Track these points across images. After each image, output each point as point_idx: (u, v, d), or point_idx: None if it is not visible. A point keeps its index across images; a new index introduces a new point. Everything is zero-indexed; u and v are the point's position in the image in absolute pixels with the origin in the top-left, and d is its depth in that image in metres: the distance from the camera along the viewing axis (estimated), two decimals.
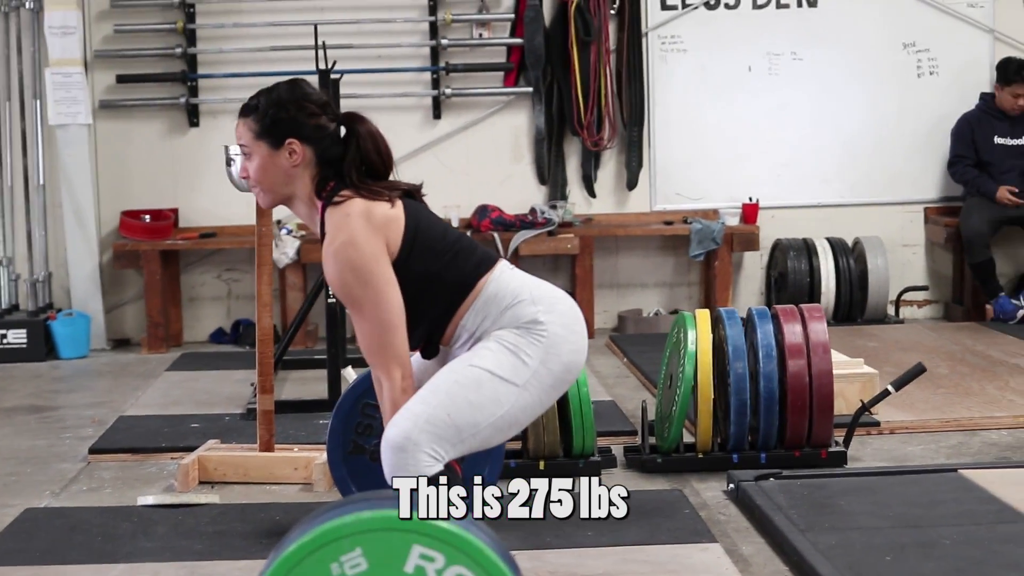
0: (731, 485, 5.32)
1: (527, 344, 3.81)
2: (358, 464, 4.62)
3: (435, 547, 2.88)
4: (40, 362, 8.66)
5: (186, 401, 7.31)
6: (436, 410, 3.72)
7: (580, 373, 4.08)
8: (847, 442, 5.73)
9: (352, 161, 3.89)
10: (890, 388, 5.76)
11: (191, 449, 5.97)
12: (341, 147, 3.92)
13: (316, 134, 3.89)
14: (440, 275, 3.83)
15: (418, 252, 3.83)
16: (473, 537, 2.88)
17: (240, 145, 3.99)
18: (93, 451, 6.21)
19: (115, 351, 9.10)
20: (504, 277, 3.90)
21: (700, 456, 5.65)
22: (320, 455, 5.54)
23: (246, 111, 3.97)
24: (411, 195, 3.95)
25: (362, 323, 3.77)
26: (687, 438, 5.81)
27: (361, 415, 4.58)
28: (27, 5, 8.92)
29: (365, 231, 3.76)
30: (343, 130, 3.94)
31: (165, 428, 6.58)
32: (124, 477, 5.86)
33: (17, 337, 8.72)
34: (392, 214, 3.83)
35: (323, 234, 3.85)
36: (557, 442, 5.58)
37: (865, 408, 5.80)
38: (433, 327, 3.88)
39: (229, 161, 5.46)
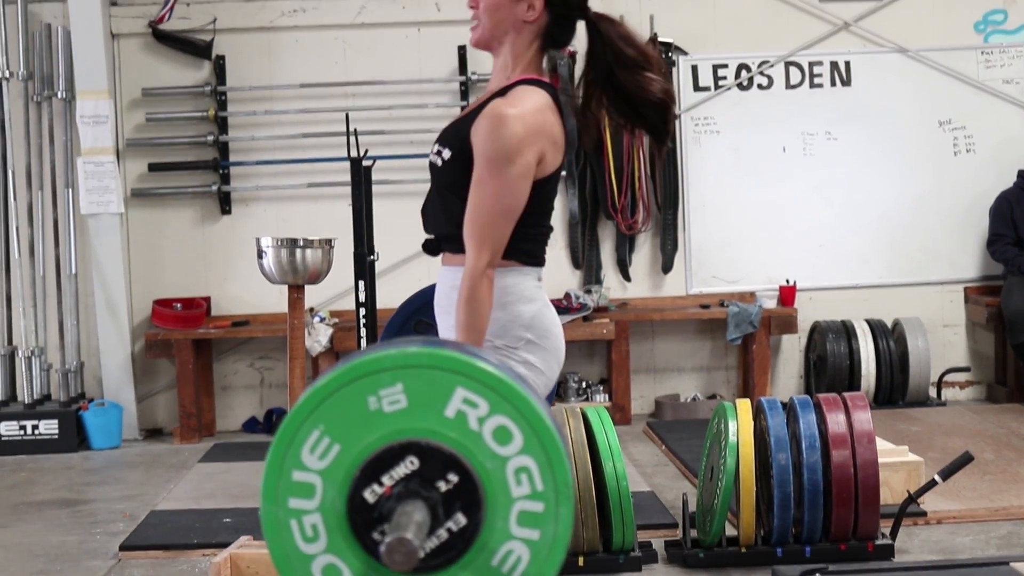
0: None
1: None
2: None
3: (480, 392, 2.69)
4: (72, 453, 8.60)
5: (219, 494, 7.22)
6: None
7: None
8: (894, 534, 5.60)
9: (597, 71, 3.71)
10: (937, 478, 5.63)
11: (223, 546, 5.88)
12: (571, 37, 3.75)
13: (560, 8, 3.70)
14: (519, 221, 3.68)
15: (539, 193, 3.64)
16: (521, 388, 2.73)
17: None
18: (124, 548, 6.12)
19: (147, 441, 9.03)
20: (526, 281, 3.68)
21: (743, 550, 5.53)
22: None
23: None
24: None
25: (481, 193, 3.54)
26: (730, 531, 5.69)
27: (413, 331, 4.42)
28: (59, 94, 8.93)
29: (536, 125, 3.57)
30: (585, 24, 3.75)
31: (197, 523, 6.49)
32: (155, 575, 5.76)
33: (49, 427, 8.67)
34: (561, 142, 3.67)
35: (500, 93, 3.64)
36: (596, 537, 5.47)
37: (912, 499, 5.67)
38: (455, 234, 3.70)
39: (261, 253, 5.38)
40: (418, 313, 4.39)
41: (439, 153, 3.64)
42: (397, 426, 2.69)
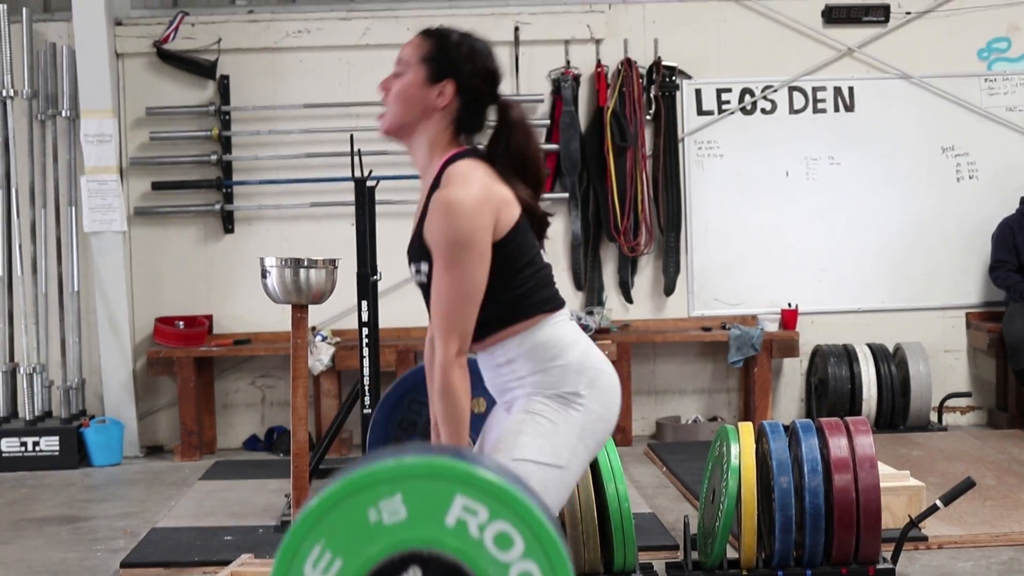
0: None
1: (565, 419, 3.67)
2: None
3: (479, 499, 2.71)
4: (73, 469, 8.60)
5: (219, 512, 7.21)
6: None
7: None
8: (895, 559, 5.59)
9: (503, 152, 3.75)
10: (939, 503, 5.62)
11: (224, 563, 5.88)
12: (482, 123, 3.80)
13: (471, 95, 3.74)
14: (513, 284, 3.69)
15: (513, 249, 3.69)
16: (519, 493, 2.74)
17: (398, 61, 3.82)
18: (125, 565, 6.12)
19: (148, 458, 9.03)
20: (561, 327, 3.75)
21: (744, 573, 5.52)
22: None
23: (428, 33, 3.78)
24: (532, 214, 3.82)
25: (442, 284, 3.59)
26: (731, 554, 5.67)
27: (407, 410, 4.47)
28: (64, 113, 8.95)
29: (481, 198, 3.60)
30: (494, 114, 3.81)
31: (198, 541, 6.49)
32: None
33: (50, 444, 8.67)
34: (510, 198, 3.70)
35: (435, 185, 3.70)
36: (598, 558, 5.46)
37: (914, 524, 5.66)
38: (477, 326, 3.73)
39: (264, 273, 5.38)
40: (411, 392, 4.42)
41: (418, 271, 3.72)
42: (398, 537, 2.73)
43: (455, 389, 3.59)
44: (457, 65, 3.72)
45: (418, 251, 3.70)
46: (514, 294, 3.70)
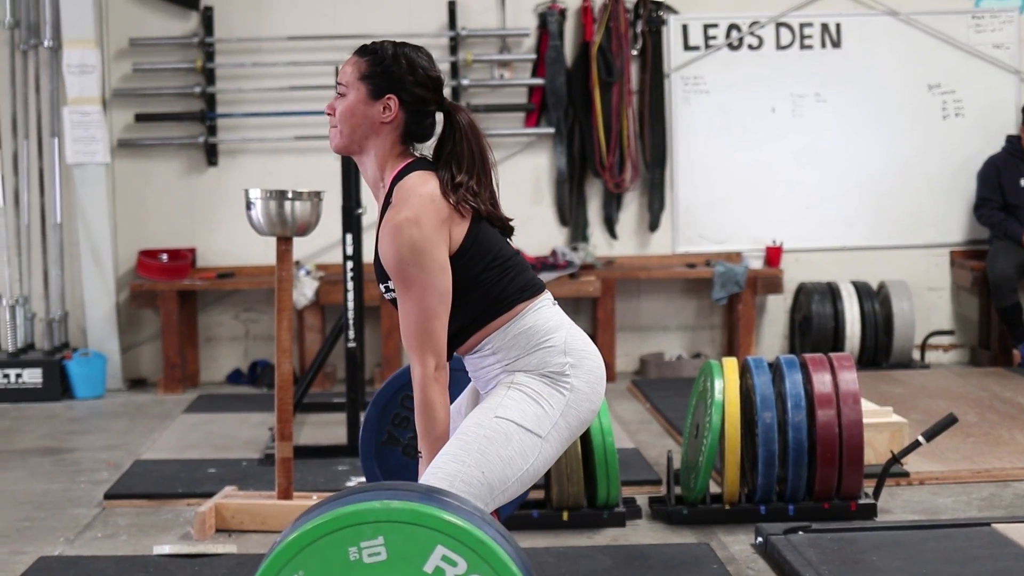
0: (759, 539, 5.21)
1: (550, 394, 3.72)
2: (390, 457, 4.51)
3: (459, 551, 2.76)
4: (55, 402, 8.59)
5: (203, 445, 7.22)
6: (471, 469, 3.62)
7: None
8: (877, 494, 5.62)
9: (451, 154, 3.80)
10: (921, 439, 5.65)
11: (208, 495, 5.89)
12: (430, 129, 3.86)
13: (416, 105, 3.80)
14: (484, 284, 3.73)
15: (473, 254, 3.73)
16: (500, 549, 2.76)
17: (338, 84, 3.86)
18: (108, 496, 6.12)
19: (131, 391, 9.02)
20: (543, 312, 3.79)
21: (727, 508, 5.55)
22: None
23: (364, 51, 3.85)
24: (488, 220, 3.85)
25: (407, 304, 3.66)
26: (714, 489, 5.71)
27: (400, 406, 4.49)
28: (46, 43, 8.87)
29: (432, 213, 3.66)
30: (440, 117, 3.86)
31: (181, 473, 6.49)
32: (140, 524, 5.77)
33: (32, 376, 8.65)
34: (459, 207, 3.74)
35: (386, 203, 3.75)
36: (581, 492, 5.49)
37: (896, 459, 5.68)
38: (457, 332, 3.78)
39: (249, 205, 5.37)
40: (404, 388, 4.43)
41: (387, 289, 3.77)
42: None
43: (434, 406, 3.65)
44: (397, 78, 3.78)
45: (382, 271, 3.76)
46: (487, 291, 3.75)
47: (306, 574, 2.77)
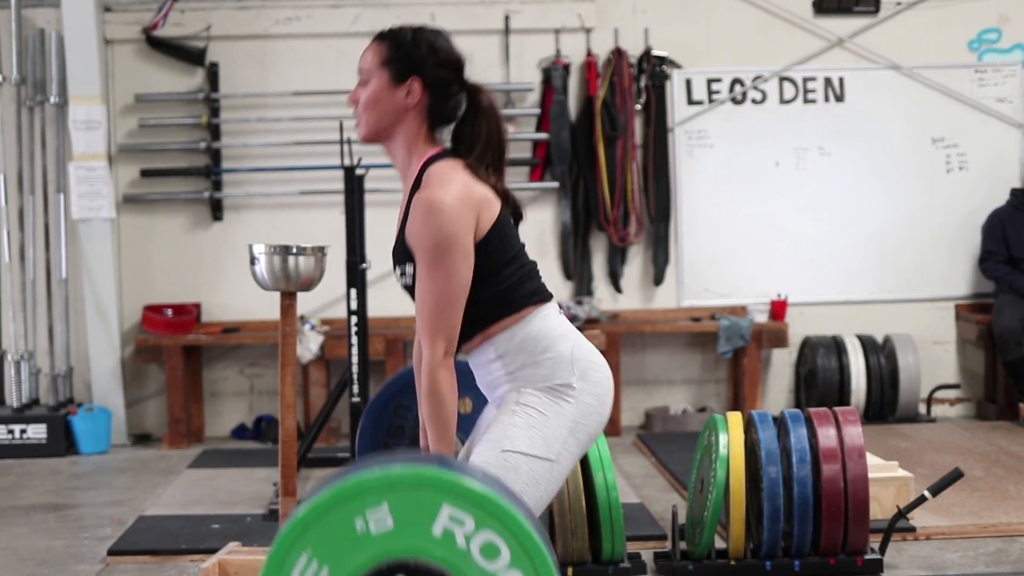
0: None
1: (556, 412, 3.66)
2: None
3: (465, 509, 2.73)
4: (60, 457, 8.58)
5: (207, 500, 7.20)
6: None
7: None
8: (883, 549, 5.59)
9: (470, 135, 3.77)
10: (927, 494, 5.62)
11: (212, 551, 5.86)
12: (455, 111, 3.80)
13: (439, 87, 3.75)
14: (498, 280, 3.69)
15: (497, 246, 3.70)
16: (506, 502, 2.74)
17: (360, 71, 3.83)
18: (112, 552, 6.10)
19: (136, 446, 9.01)
20: (551, 320, 3.75)
21: (732, 563, 5.52)
22: None
23: (382, 36, 3.81)
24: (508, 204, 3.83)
25: (425, 285, 3.60)
26: (719, 544, 5.68)
27: (393, 416, 4.46)
28: (52, 99, 8.92)
29: (462, 199, 3.61)
30: (464, 99, 3.82)
31: (185, 529, 6.47)
32: None
33: (37, 432, 8.64)
34: (490, 196, 3.70)
35: (415, 188, 3.70)
36: (586, 547, 5.46)
37: (902, 514, 5.66)
38: (466, 325, 3.73)
39: (253, 260, 5.36)
40: (397, 396, 4.41)
41: (403, 273, 3.71)
42: (385, 547, 2.73)
43: (442, 391, 3.59)
44: (419, 60, 3.74)
45: (402, 253, 3.70)
46: (500, 289, 3.70)
47: (315, 551, 2.75)
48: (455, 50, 3.80)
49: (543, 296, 3.76)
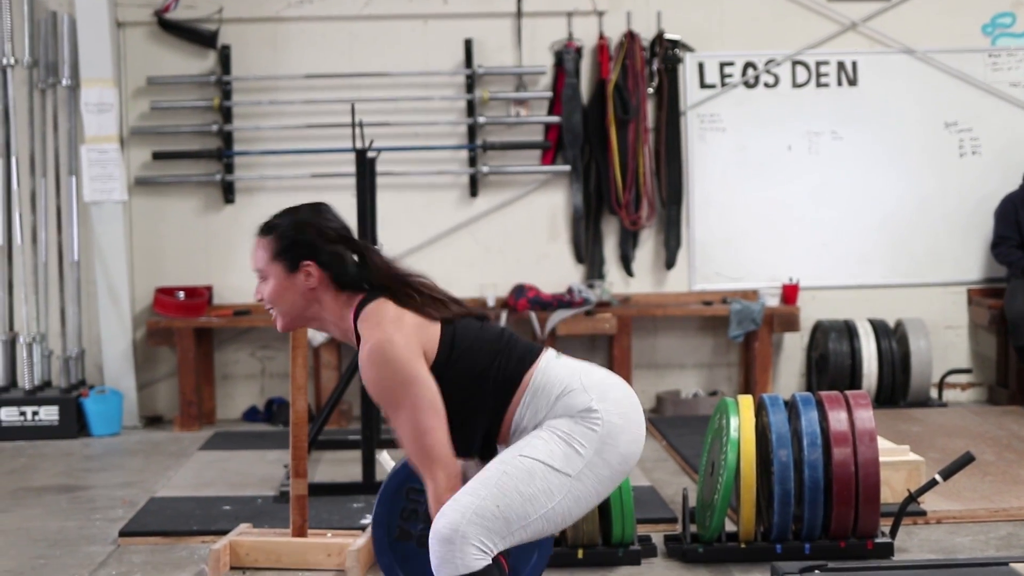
0: None
1: (581, 433, 3.70)
2: (405, 550, 4.50)
3: None
4: (72, 439, 8.59)
5: (218, 482, 7.21)
6: (485, 502, 3.61)
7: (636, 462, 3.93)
8: (894, 533, 5.59)
9: (378, 279, 3.84)
10: (938, 478, 5.62)
11: (223, 533, 5.88)
12: (359, 269, 3.86)
13: (333, 261, 3.82)
14: (484, 376, 3.74)
15: (459, 355, 3.74)
16: None
17: (256, 270, 3.89)
18: (124, 534, 6.11)
19: (147, 429, 9.02)
20: (551, 367, 3.79)
21: (743, 546, 5.52)
22: (354, 541, 5.45)
23: (265, 231, 3.87)
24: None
25: (402, 427, 3.68)
26: (729, 527, 5.67)
27: (406, 500, 4.46)
28: (64, 82, 8.92)
29: (400, 331, 3.69)
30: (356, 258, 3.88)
31: (197, 510, 6.49)
32: (154, 562, 5.76)
33: (49, 414, 8.66)
34: (422, 321, 3.75)
35: (359, 342, 3.77)
36: (596, 530, 5.47)
37: (912, 498, 5.65)
38: (487, 430, 3.78)
39: None
40: (407, 482, 4.42)
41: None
42: None
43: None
44: (308, 245, 3.82)
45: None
46: (494, 380, 3.77)
47: None
48: (337, 220, 3.88)
49: (533, 355, 3.82)
